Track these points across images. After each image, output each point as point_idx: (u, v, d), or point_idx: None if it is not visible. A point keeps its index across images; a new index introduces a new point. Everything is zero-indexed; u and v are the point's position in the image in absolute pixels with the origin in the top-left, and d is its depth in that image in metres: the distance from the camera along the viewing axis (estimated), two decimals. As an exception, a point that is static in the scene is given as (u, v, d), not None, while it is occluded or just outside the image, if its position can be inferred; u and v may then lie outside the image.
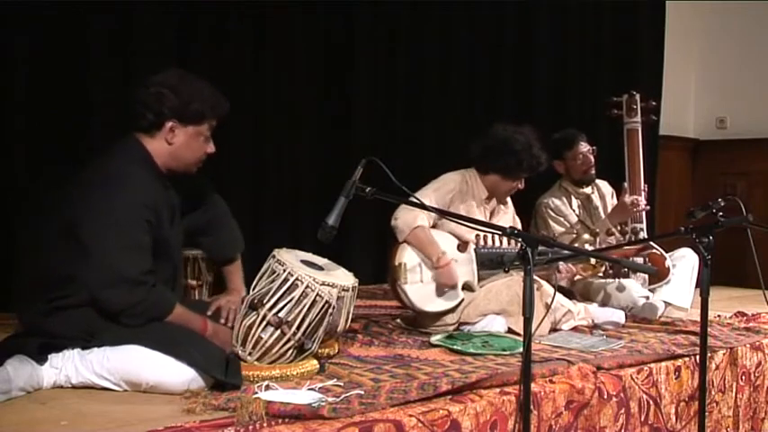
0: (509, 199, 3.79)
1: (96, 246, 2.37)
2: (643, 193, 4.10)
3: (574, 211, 4.25)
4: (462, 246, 3.48)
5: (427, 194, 3.43)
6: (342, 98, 4.99)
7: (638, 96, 4.19)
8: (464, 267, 3.45)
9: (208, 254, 3.13)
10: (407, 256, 3.39)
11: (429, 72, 5.36)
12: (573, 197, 4.28)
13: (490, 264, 3.44)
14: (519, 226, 3.79)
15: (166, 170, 2.59)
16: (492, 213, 3.66)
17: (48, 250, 2.48)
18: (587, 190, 4.31)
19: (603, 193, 4.36)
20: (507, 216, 3.74)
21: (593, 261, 3.60)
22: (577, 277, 3.88)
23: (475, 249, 3.47)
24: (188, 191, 2.74)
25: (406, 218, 3.38)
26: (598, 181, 4.36)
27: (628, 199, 4.02)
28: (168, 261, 2.59)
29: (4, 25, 3.61)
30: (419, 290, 3.38)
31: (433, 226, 3.46)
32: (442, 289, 3.38)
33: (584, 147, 4.23)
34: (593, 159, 4.23)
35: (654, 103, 4.32)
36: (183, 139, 2.56)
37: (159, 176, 2.56)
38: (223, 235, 2.93)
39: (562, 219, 4.21)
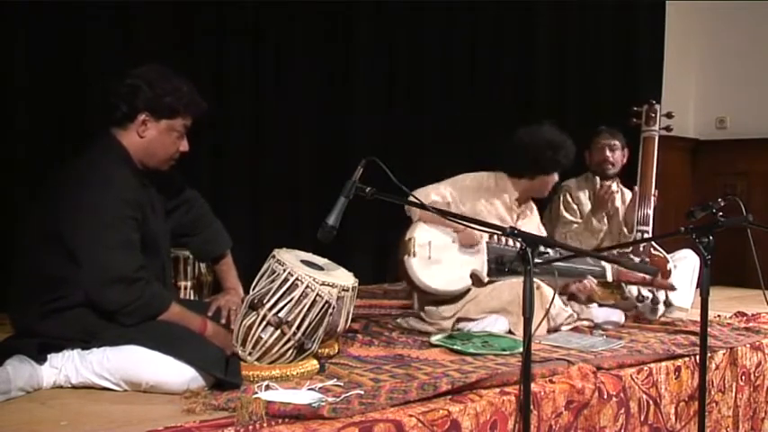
0: (534, 207, 3.80)
1: (87, 247, 2.36)
2: (653, 197, 4.12)
3: (591, 200, 4.27)
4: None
5: (438, 186, 3.47)
6: (342, 97, 4.99)
7: (657, 106, 4.23)
8: (475, 258, 3.44)
9: (196, 254, 3.09)
10: (418, 232, 3.37)
11: (429, 72, 5.37)
12: (596, 189, 4.30)
13: (495, 269, 3.43)
14: (544, 233, 3.81)
15: (141, 166, 2.57)
16: (518, 217, 3.66)
17: (35, 253, 2.44)
18: (612, 186, 4.31)
19: (626, 200, 4.37)
20: (532, 224, 3.72)
21: (610, 278, 3.64)
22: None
23: (487, 242, 3.46)
24: (167, 190, 2.73)
25: (420, 196, 3.36)
26: (624, 189, 4.39)
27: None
28: (156, 258, 2.58)
29: (5, 25, 3.61)
30: (425, 265, 3.34)
31: None
32: (451, 270, 3.36)
33: (607, 140, 4.31)
34: (609, 156, 4.30)
35: (674, 115, 4.34)
36: (154, 133, 2.53)
37: (137, 173, 2.54)
38: (209, 233, 2.91)
39: (576, 206, 4.26)
